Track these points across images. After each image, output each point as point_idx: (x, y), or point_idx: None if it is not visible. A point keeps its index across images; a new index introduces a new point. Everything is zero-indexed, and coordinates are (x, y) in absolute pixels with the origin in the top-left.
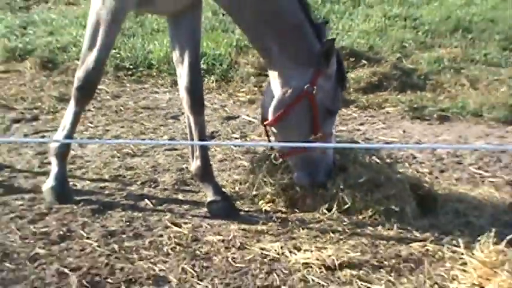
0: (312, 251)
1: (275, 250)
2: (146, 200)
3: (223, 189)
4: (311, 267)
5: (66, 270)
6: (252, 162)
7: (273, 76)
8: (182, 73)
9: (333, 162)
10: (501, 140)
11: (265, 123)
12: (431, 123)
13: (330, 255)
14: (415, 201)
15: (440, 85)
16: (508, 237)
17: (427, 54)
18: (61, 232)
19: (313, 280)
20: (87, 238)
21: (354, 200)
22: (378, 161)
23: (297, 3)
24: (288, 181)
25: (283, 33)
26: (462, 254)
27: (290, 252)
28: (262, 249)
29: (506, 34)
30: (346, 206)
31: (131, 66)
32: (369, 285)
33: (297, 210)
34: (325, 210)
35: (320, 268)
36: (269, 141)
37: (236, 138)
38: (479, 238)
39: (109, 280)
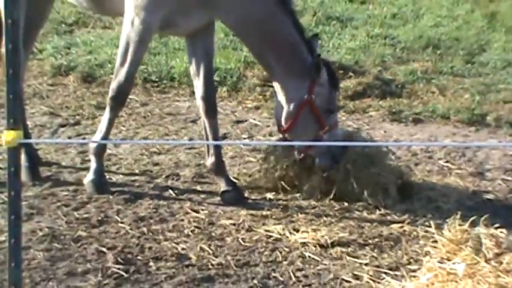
0: (308, 232)
1: (278, 231)
2: (170, 190)
3: (234, 181)
4: (308, 245)
5: (103, 249)
6: (266, 151)
7: (278, 90)
8: (198, 85)
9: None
10: (465, 138)
11: (281, 131)
12: (407, 125)
13: (323, 235)
14: (397, 183)
15: (414, 93)
16: (471, 219)
17: (403, 67)
18: (99, 217)
19: (309, 256)
20: (121, 222)
21: (354, 170)
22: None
23: (292, 26)
24: (294, 165)
25: (282, 52)
26: (433, 233)
27: (290, 233)
28: (266, 231)
29: (469, 50)
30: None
31: (157, 79)
32: (356, 260)
33: (297, 199)
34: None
35: (315, 246)
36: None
37: (244, 138)
38: (447, 220)
39: (139, 257)
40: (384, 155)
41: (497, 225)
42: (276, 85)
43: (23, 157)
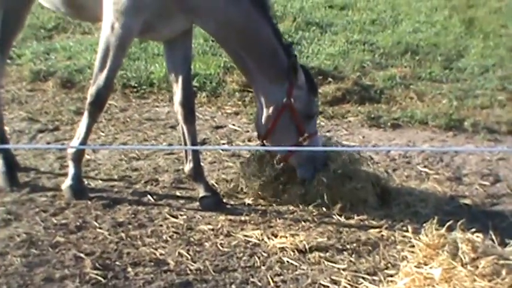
0: (286, 237)
1: (256, 237)
2: (148, 196)
3: (212, 187)
4: (286, 250)
5: (82, 255)
6: (242, 162)
7: (257, 96)
8: (177, 90)
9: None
10: (443, 143)
11: (261, 138)
12: (386, 130)
13: (301, 241)
14: (376, 192)
15: (393, 98)
16: (447, 224)
17: (382, 73)
18: (78, 223)
19: (287, 261)
20: (100, 228)
21: (331, 190)
22: (346, 158)
23: (271, 32)
24: (273, 174)
25: (260, 57)
26: (411, 238)
27: (268, 238)
28: (245, 236)
29: (447, 56)
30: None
31: (136, 85)
32: (334, 265)
33: (274, 205)
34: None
35: (293, 251)
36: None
37: (224, 143)
38: (424, 225)
39: (117, 263)
40: (358, 163)
41: (473, 229)
42: (256, 90)
43: (0, 162)
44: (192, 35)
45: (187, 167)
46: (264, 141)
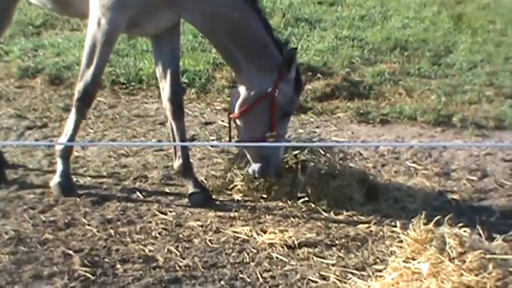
0: (275, 233)
1: (245, 233)
2: (137, 192)
3: (202, 183)
4: (275, 246)
5: (70, 252)
6: (226, 160)
7: (241, 80)
8: (165, 86)
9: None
10: (431, 139)
11: (230, 115)
12: (375, 126)
13: (290, 236)
14: (362, 189)
15: (382, 94)
16: (435, 219)
17: (371, 69)
18: (66, 220)
19: (277, 257)
20: (88, 225)
21: (315, 188)
22: (331, 157)
23: (260, 23)
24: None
25: (249, 49)
26: (399, 233)
27: (258, 234)
28: (234, 232)
29: (436, 52)
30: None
31: (125, 81)
32: (323, 260)
33: (262, 201)
34: (288, 201)
35: (282, 247)
36: (230, 131)
37: (213, 140)
38: (412, 220)
39: (106, 260)
40: (342, 163)
41: (461, 224)
42: (240, 77)
43: None
44: (180, 31)
45: (177, 163)
46: (232, 121)
